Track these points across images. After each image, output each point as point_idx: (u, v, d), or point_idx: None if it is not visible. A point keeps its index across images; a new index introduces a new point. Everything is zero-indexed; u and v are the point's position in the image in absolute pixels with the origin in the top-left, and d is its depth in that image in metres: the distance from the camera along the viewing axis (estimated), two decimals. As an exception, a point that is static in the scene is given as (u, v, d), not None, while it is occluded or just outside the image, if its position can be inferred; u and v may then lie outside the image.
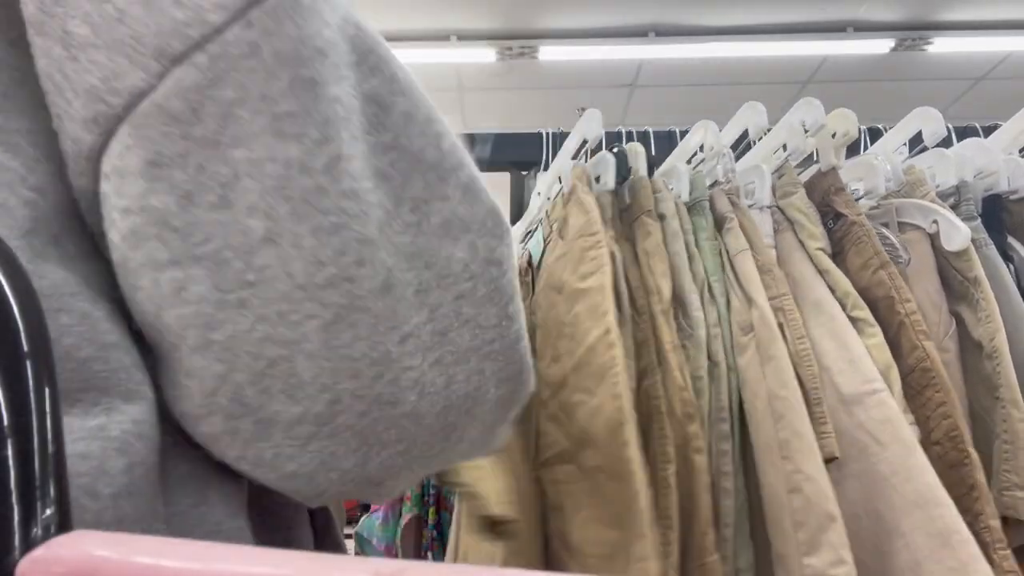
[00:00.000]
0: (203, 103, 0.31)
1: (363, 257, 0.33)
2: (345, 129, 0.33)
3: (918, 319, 1.00)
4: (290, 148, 0.31)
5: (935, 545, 0.86)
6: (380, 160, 0.34)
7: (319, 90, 0.32)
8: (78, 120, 0.31)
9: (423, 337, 0.35)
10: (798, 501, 0.93)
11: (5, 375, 0.26)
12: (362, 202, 0.33)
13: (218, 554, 0.24)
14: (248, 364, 0.33)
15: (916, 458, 0.91)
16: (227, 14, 0.31)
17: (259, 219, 0.31)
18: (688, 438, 1.00)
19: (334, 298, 0.33)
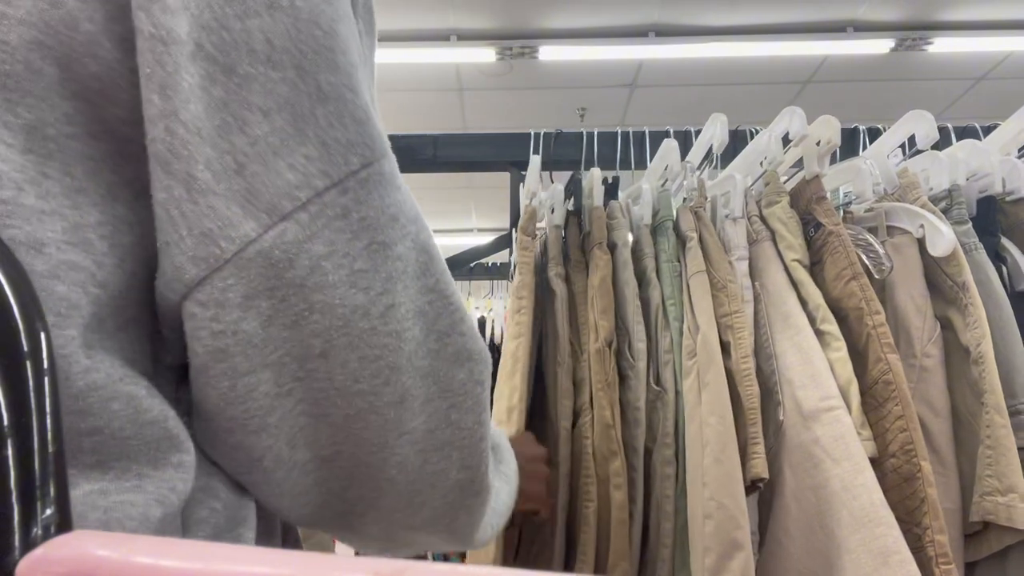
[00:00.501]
0: (299, 254, 0.37)
1: (389, 380, 0.41)
2: (401, 282, 0.41)
3: (885, 331, 1.01)
4: (358, 297, 0.39)
5: (876, 563, 0.88)
6: (422, 299, 0.43)
7: (388, 252, 0.40)
8: (187, 255, 0.36)
9: (416, 434, 0.44)
10: (709, 527, 0.95)
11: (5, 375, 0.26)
12: (401, 340, 0.41)
13: (218, 554, 0.24)
14: (287, 434, 0.41)
15: (864, 476, 0.92)
16: (329, 181, 0.38)
17: (319, 341, 0.39)
18: (609, 475, 1.03)
19: (358, 403, 0.41)
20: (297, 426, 0.41)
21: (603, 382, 1.06)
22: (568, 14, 4.34)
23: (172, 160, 0.36)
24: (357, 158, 0.39)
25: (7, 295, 0.27)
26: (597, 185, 1.22)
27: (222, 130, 0.36)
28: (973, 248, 1.12)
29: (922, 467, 0.94)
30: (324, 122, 0.38)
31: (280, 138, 0.37)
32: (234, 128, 0.36)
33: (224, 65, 0.36)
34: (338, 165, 0.38)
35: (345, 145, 0.38)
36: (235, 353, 0.38)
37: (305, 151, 0.37)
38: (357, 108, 0.39)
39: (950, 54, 4.69)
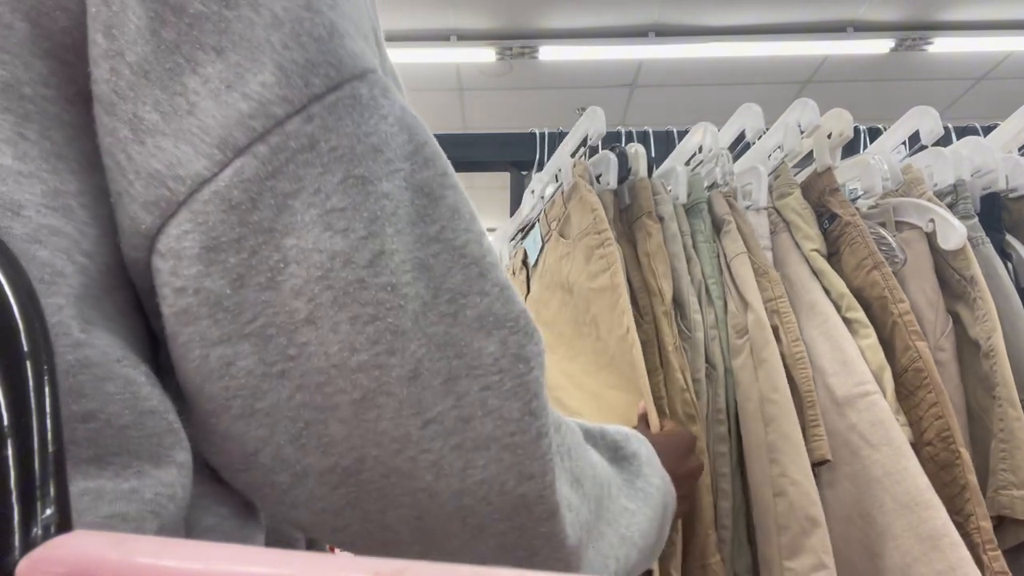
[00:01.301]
0: (261, 193, 0.33)
1: (394, 348, 0.35)
2: (391, 224, 0.35)
3: (911, 319, 1.00)
4: (336, 242, 0.34)
5: (925, 548, 0.86)
6: (424, 251, 0.36)
7: (369, 187, 0.34)
8: (139, 201, 0.33)
9: (446, 423, 0.37)
10: (782, 505, 0.94)
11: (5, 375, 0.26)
12: (399, 295, 0.35)
13: (218, 554, 0.24)
14: (287, 427, 0.35)
15: (907, 460, 0.91)
16: (290, 107, 0.33)
17: (303, 302, 0.34)
18: None
19: (363, 381, 0.35)
20: (301, 420, 0.35)
21: (673, 344, 1.04)
22: (568, 14, 4.34)
23: (117, 101, 0.33)
24: (320, 80, 0.34)
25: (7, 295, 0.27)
26: (642, 159, 1.22)
27: (173, 72, 0.33)
28: (980, 242, 1.12)
29: (961, 454, 0.93)
30: (280, 45, 0.33)
31: (236, 72, 0.33)
32: (186, 70, 0.33)
33: (173, 5, 0.33)
34: (298, 88, 0.33)
35: (304, 66, 0.33)
36: (201, 316, 0.33)
37: (261, 78, 0.33)
38: (316, 25, 0.34)
39: (950, 54, 4.69)
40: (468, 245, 0.37)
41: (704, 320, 1.08)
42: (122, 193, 0.34)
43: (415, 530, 0.39)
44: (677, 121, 1.57)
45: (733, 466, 1.03)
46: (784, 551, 0.92)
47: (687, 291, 1.09)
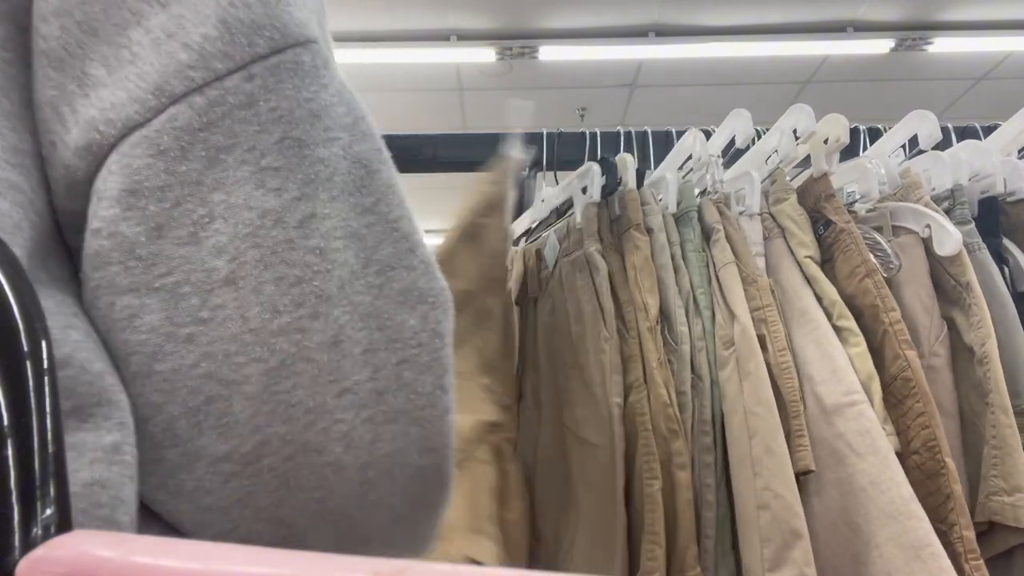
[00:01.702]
0: (193, 144, 0.32)
1: (318, 312, 0.34)
2: (324, 190, 0.35)
3: (902, 328, 1.01)
4: (268, 200, 0.33)
5: (907, 557, 0.87)
6: (357, 221, 0.36)
7: (306, 151, 0.34)
8: (71, 147, 0.33)
9: (361, 394, 0.36)
10: (765, 517, 0.94)
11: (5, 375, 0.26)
12: (328, 260, 0.34)
13: (218, 554, 0.24)
14: (185, 398, 0.33)
15: (892, 470, 0.92)
16: (231, 63, 0.33)
17: (224, 261, 0.33)
18: (672, 454, 1.02)
19: (283, 345, 0.34)
20: (202, 393, 0.33)
21: (657, 360, 1.05)
22: (568, 14, 4.34)
23: (66, 58, 0.33)
24: (264, 41, 0.34)
25: (7, 295, 0.27)
26: (631, 170, 1.23)
27: (120, 27, 0.33)
28: (976, 248, 1.12)
29: (946, 463, 0.93)
30: (225, 2, 0.33)
31: (177, 23, 0.33)
32: (131, 23, 0.33)
33: None
34: (241, 47, 0.33)
35: (249, 26, 0.34)
36: (112, 260, 0.32)
37: (204, 31, 0.33)
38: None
39: (950, 54, 4.69)
40: (400, 220, 0.38)
41: (691, 332, 1.09)
42: (56, 143, 0.33)
43: (313, 515, 0.37)
44: (677, 121, 1.57)
45: (718, 477, 1.04)
46: (767, 563, 0.93)
47: (674, 304, 1.10)
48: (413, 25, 4.41)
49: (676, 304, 1.10)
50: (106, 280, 0.33)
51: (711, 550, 1.02)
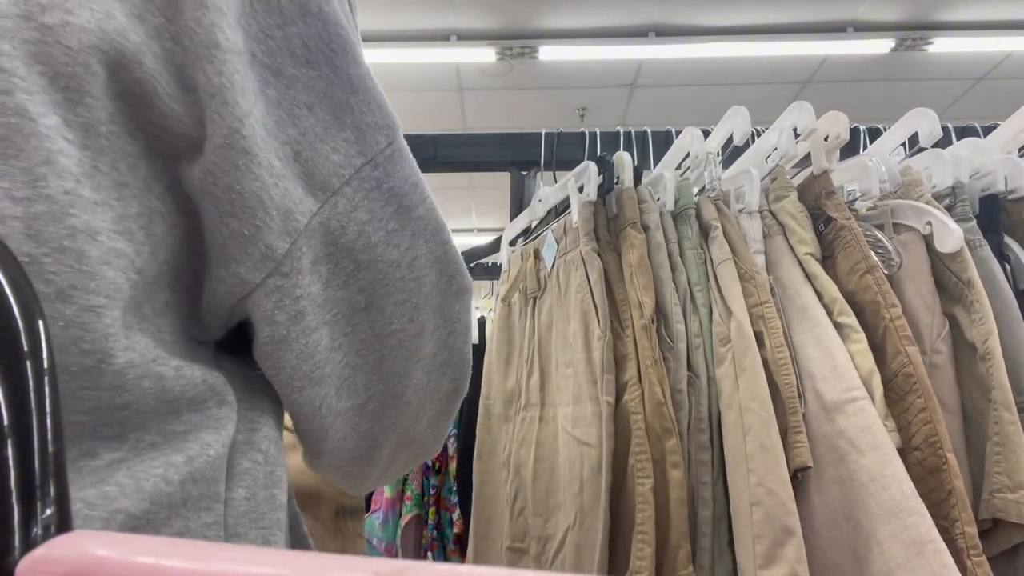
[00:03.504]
0: (348, 222, 0.45)
1: (414, 317, 0.51)
2: (422, 237, 0.49)
3: (903, 324, 1.00)
4: (392, 253, 0.48)
5: (909, 554, 0.87)
6: (439, 249, 0.51)
7: (412, 213, 0.48)
8: (276, 231, 0.43)
9: (426, 359, 0.54)
10: (758, 514, 0.94)
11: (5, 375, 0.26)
12: (421, 283, 0.50)
13: (218, 554, 0.24)
14: (335, 384, 0.49)
15: (893, 466, 0.91)
16: (365, 159, 0.46)
17: (364, 297, 0.48)
18: (665, 453, 1.02)
19: (391, 341, 0.51)
20: (343, 377, 0.49)
21: (651, 359, 1.05)
22: (568, 14, 4.34)
23: (258, 152, 0.41)
24: (384, 137, 0.46)
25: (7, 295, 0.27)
26: (628, 168, 1.23)
27: (280, 125, 0.43)
28: (978, 245, 1.12)
29: (948, 459, 0.93)
30: (357, 110, 0.45)
31: (324, 127, 0.44)
32: (287, 122, 0.43)
33: (274, 69, 0.43)
34: (370, 145, 0.46)
35: (374, 128, 0.46)
36: (308, 312, 0.45)
37: (344, 136, 0.45)
38: (378, 94, 0.47)
39: (950, 54, 4.69)
40: (452, 243, 0.53)
41: (688, 329, 1.09)
42: (261, 227, 0.43)
43: (388, 432, 0.55)
44: (677, 121, 1.57)
45: (714, 475, 1.03)
46: (759, 560, 0.93)
47: (671, 301, 1.10)
48: (413, 25, 4.41)
49: (673, 302, 1.10)
50: (305, 328, 0.46)
51: (707, 548, 1.02)
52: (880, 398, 0.97)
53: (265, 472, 0.45)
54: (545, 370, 1.28)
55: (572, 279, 1.19)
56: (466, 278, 0.55)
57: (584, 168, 1.26)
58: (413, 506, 2.13)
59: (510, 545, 1.30)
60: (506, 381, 1.41)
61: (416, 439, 0.59)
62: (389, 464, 0.60)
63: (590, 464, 1.08)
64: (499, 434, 1.42)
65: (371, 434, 0.54)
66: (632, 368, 1.07)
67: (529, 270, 1.36)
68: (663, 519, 1.01)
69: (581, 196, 1.24)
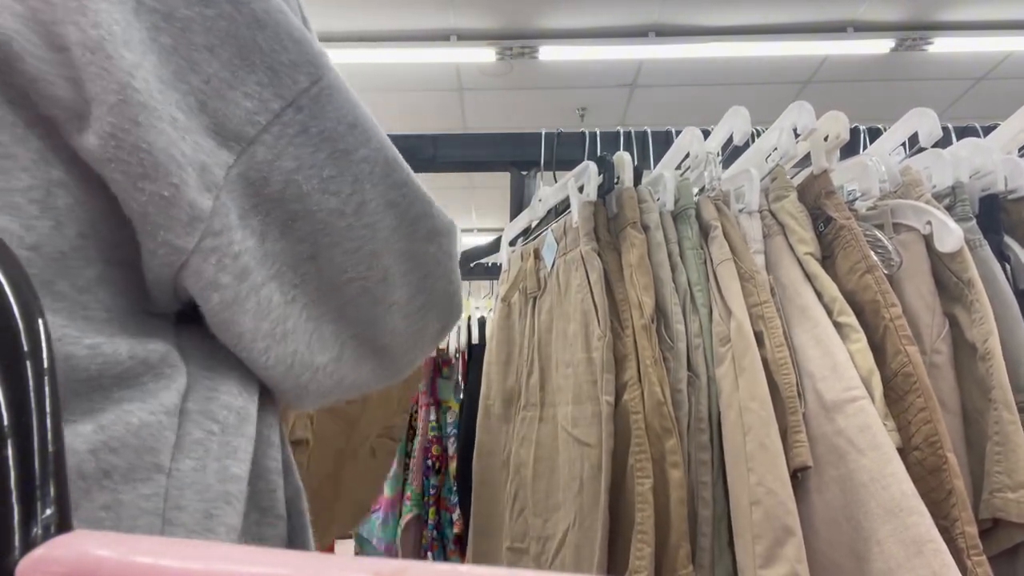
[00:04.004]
0: (271, 172, 0.42)
1: (371, 264, 0.48)
2: (368, 180, 0.46)
3: (903, 324, 1.00)
4: (331, 201, 0.44)
5: (909, 553, 0.87)
6: (393, 193, 0.48)
7: (352, 156, 0.45)
8: (195, 188, 0.39)
9: (402, 304, 0.51)
10: (758, 513, 0.94)
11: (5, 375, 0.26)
12: (375, 228, 0.47)
13: (218, 554, 0.24)
14: (303, 338, 0.47)
15: (893, 466, 0.91)
16: (284, 102, 0.42)
17: (306, 246, 0.45)
18: (665, 453, 1.01)
19: (350, 291, 0.48)
20: (307, 331, 0.46)
21: (651, 358, 1.05)
22: (568, 14, 4.34)
23: (156, 106, 0.38)
24: (305, 77, 0.42)
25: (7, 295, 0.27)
26: (628, 168, 1.23)
27: (178, 74, 0.39)
28: (978, 245, 1.12)
29: (948, 459, 0.93)
30: (267, 48, 0.41)
31: (230, 71, 0.40)
32: (187, 70, 0.39)
33: (164, 13, 0.39)
34: (288, 86, 0.42)
35: (290, 66, 0.42)
36: (252, 269, 0.42)
37: (256, 78, 0.41)
38: (294, 28, 0.42)
39: (950, 54, 4.69)
40: (417, 183, 0.49)
41: (688, 329, 1.09)
42: (180, 185, 0.39)
43: (373, 380, 0.54)
44: (677, 121, 1.57)
45: (714, 474, 1.03)
46: (759, 560, 0.93)
47: (671, 301, 1.10)
48: (413, 25, 4.41)
49: (673, 301, 1.10)
50: (252, 286, 0.43)
51: (707, 548, 1.02)
52: (880, 398, 0.97)
53: (220, 442, 0.42)
54: (545, 370, 1.28)
55: (572, 279, 1.19)
56: (437, 219, 0.51)
57: (584, 168, 1.26)
58: (413, 506, 2.14)
59: (510, 545, 1.30)
60: (506, 381, 1.41)
61: (408, 369, 0.58)
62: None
63: (590, 464, 1.08)
64: (499, 434, 1.42)
65: (357, 384, 0.52)
66: (632, 368, 1.07)
67: (529, 270, 1.36)
68: (663, 519, 1.01)
69: (581, 196, 1.24)
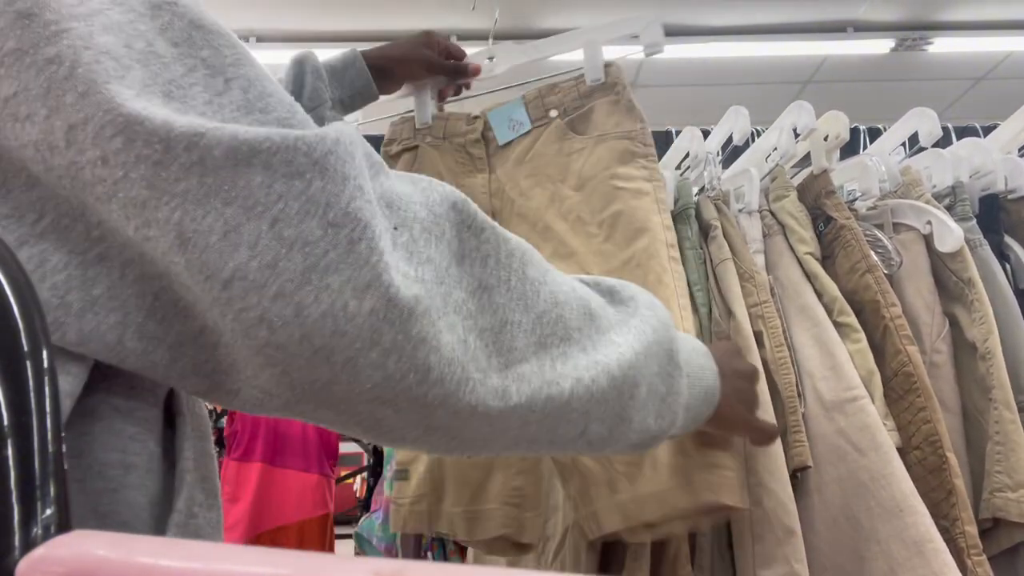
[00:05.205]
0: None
1: (148, 220, 0.37)
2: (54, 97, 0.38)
3: (903, 323, 1.01)
4: (30, 130, 0.37)
5: (910, 553, 0.87)
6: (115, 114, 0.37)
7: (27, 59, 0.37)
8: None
9: (250, 276, 0.36)
10: (757, 514, 0.94)
11: (5, 375, 0.26)
12: (94, 165, 0.37)
13: (218, 554, 0.24)
14: (139, 304, 0.39)
15: (893, 466, 0.92)
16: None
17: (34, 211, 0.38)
18: None
19: (128, 251, 0.38)
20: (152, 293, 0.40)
21: None
22: (568, 14, 4.34)
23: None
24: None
25: (7, 295, 0.27)
26: None
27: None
28: (978, 244, 1.12)
29: (948, 458, 0.93)
30: None
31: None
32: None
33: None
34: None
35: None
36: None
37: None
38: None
39: (950, 54, 4.69)
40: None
41: (688, 330, 1.09)
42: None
43: (286, 389, 0.41)
44: (677, 121, 1.57)
45: None
46: (758, 560, 0.93)
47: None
48: (413, 25, 4.41)
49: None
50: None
51: (707, 548, 1.02)
52: (880, 397, 0.97)
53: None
54: None
55: (629, 167, 1.16)
56: (242, 132, 0.37)
57: None
58: (413, 506, 2.13)
59: (510, 545, 1.30)
60: None
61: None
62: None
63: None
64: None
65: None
66: None
67: (469, 142, 1.32)
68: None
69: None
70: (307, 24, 4.23)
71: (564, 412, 0.51)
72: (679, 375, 0.62)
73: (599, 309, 0.56)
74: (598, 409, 0.53)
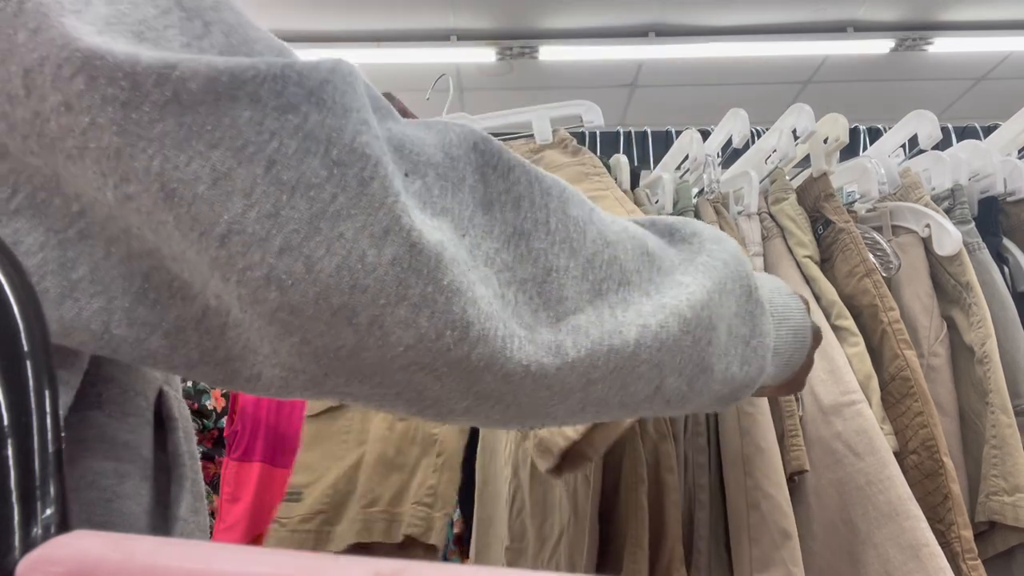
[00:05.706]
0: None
1: (127, 176, 0.33)
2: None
3: (901, 328, 1.01)
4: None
5: (906, 557, 0.87)
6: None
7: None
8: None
9: (248, 228, 0.32)
10: (755, 517, 0.94)
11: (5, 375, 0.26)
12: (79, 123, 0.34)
13: (218, 554, 0.24)
14: (129, 285, 0.36)
15: (890, 470, 0.92)
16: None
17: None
18: (660, 457, 1.01)
19: (127, 215, 0.34)
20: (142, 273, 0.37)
21: None
22: (568, 14, 4.34)
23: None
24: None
25: (7, 295, 0.27)
26: (624, 171, 1.23)
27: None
28: (976, 248, 1.12)
29: (944, 463, 0.94)
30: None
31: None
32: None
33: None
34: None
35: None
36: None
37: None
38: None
39: (950, 54, 4.69)
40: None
41: None
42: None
43: (311, 357, 0.37)
44: (677, 121, 1.57)
45: (712, 477, 1.03)
46: (755, 563, 0.93)
47: None
48: (413, 25, 4.41)
49: None
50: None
51: (704, 551, 1.02)
52: (877, 401, 0.97)
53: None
54: None
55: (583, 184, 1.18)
56: (212, 67, 0.32)
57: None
58: (413, 506, 2.13)
59: (509, 545, 1.30)
60: None
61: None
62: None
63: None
64: (501, 433, 1.42)
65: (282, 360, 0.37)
66: None
67: None
68: (657, 522, 1.01)
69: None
70: (307, 24, 4.23)
71: (632, 366, 0.44)
72: (761, 313, 0.54)
73: (658, 249, 0.48)
74: (672, 360, 0.46)
